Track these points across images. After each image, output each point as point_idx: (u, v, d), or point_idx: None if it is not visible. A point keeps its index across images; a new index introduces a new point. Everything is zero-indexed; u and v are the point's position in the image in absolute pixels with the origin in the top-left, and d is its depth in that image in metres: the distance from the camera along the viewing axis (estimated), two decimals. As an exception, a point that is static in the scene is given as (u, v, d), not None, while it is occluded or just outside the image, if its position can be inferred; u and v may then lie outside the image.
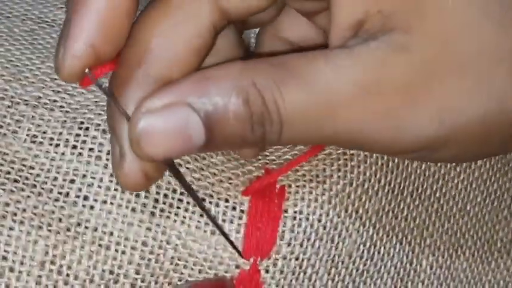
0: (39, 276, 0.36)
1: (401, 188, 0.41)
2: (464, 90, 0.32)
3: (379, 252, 0.40)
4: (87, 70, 0.33)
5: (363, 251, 0.39)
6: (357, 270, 0.39)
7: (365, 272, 0.40)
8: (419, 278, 0.42)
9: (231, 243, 0.37)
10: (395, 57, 0.32)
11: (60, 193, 0.37)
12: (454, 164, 0.43)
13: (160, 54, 0.33)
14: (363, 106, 0.32)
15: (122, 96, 0.34)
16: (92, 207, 0.37)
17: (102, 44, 0.33)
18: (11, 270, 0.35)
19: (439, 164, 0.42)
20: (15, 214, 0.36)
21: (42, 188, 0.37)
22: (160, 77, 0.33)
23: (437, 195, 0.42)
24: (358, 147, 0.36)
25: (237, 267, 0.37)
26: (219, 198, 0.38)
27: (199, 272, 0.37)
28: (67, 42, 0.33)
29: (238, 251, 0.37)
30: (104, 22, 0.33)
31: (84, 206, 0.37)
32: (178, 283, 0.37)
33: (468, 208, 0.43)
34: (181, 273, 0.37)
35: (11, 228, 0.36)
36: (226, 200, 0.38)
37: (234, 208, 0.38)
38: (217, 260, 0.37)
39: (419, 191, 0.42)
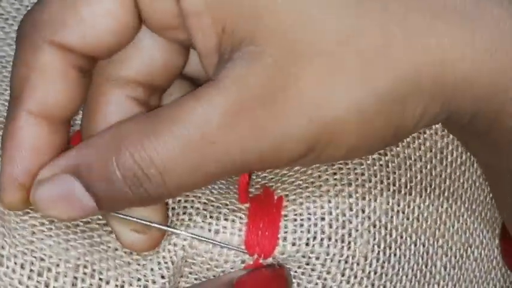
0: (75, 278, 0.36)
1: (408, 188, 0.40)
2: (321, 83, 0.31)
3: (395, 255, 0.39)
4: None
5: (378, 253, 0.39)
6: (375, 273, 0.39)
7: (383, 275, 0.39)
8: (435, 279, 0.41)
9: (226, 246, 0.37)
10: (250, 71, 0.31)
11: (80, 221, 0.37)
12: (458, 163, 0.42)
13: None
14: (234, 130, 0.32)
15: None
16: (111, 232, 0.38)
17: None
18: (49, 270, 0.36)
19: (444, 163, 0.42)
20: (44, 224, 0.37)
21: None
22: None
23: (446, 194, 0.42)
24: (251, 169, 0.35)
25: (243, 261, 0.38)
26: (220, 203, 0.38)
27: (207, 270, 0.38)
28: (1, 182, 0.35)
29: (241, 250, 0.37)
30: (32, 164, 0.34)
31: (105, 230, 0.38)
32: (189, 275, 0.38)
33: (474, 207, 0.43)
34: (191, 268, 0.38)
35: (47, 236, 0.37)
36: (226, 204, 0.38)
37: (234, 210, 0.38)
38: (222, 259, 0.37)
39: (428, 191, 0.41)
